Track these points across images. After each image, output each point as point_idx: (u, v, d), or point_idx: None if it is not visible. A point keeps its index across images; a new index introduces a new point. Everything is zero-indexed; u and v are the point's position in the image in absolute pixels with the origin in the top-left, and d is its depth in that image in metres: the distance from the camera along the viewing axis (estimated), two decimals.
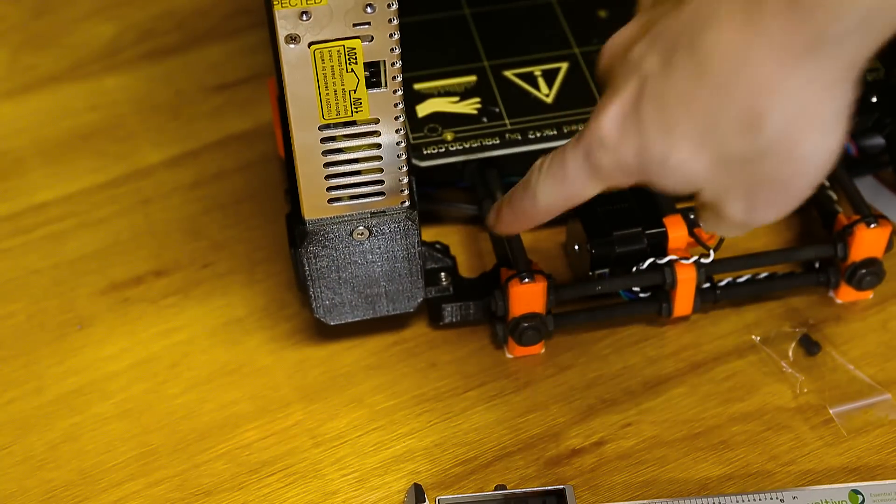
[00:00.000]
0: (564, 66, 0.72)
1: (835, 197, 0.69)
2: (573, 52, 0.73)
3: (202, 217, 0.75)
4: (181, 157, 0.78)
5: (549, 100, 0.70)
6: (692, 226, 0.66)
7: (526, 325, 0.65)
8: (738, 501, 0.59)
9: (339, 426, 0.64)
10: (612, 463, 0.62)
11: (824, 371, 0.66)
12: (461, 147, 0.68)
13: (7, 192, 0.77)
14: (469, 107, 0.70)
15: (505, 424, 0.64)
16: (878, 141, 0.72)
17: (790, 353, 0.66)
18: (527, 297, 0.64)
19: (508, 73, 0.72)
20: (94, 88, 0.83)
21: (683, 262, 0.65)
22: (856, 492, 0.59)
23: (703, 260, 0.66)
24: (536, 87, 0.71)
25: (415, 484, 0.61)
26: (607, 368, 0.66)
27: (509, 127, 0.69)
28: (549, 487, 0.60)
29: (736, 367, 0.66)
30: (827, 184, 0.70)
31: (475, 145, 0.68)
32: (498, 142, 0.68)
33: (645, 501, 0.60)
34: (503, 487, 0.60)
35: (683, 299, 0.66)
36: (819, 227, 0.70)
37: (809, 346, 0.66)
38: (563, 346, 0.67)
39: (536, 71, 0.72)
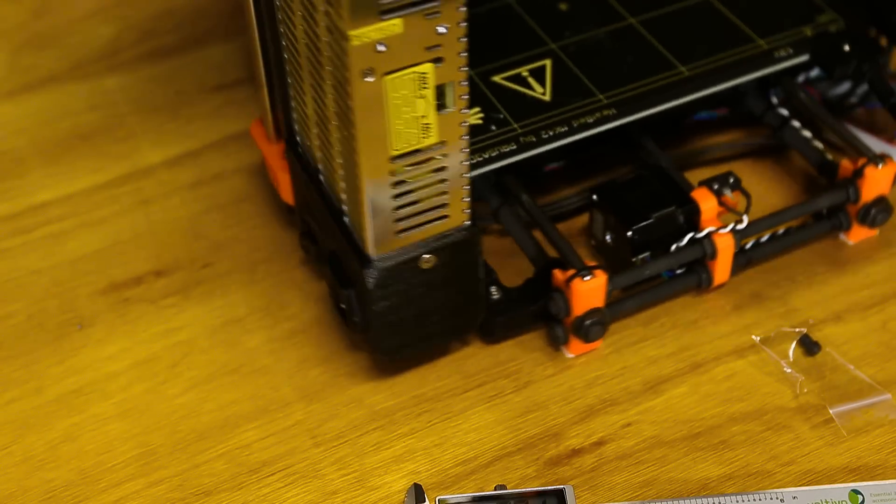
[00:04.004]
0: (548, 62, 0.72)
1: (821, 146, 0.72)
2: (550, 47, 0.73)
3: (202, 217, 0.75)
4: (181, 157, 0.78)
5: (546, 97, 0.70)
6: (718, 195, 0.67)
7: (591, 321, 0.65)
8: (738, 501, 0.59)
9: (339, 426, 0.64)
10: (612, 463, 0.62)
11: (824, 371, 0.66)
12: (481, 158, 0.67)
13: (7, 192, 0.77)
14: (472, 118, 0.70)
15: (505, 424, 0.64)
16: (843, 88, 0.75)
17: (790, 353, 0.66)
18: (590, 293, 0.64)
19: (497, 79, 0.71)
20: (94, 88, 0.83)
21: (721, 231, 0.67)
22: (856, 492, 0.59)
23: (738, 227, 0.67)
24: (529, 87, 0.71)
25: (415, 484, 0.61)
26: (607, 368, 0.66)
27: (520, 131, 0.68)
28: (549, 487, 0.60)
29: (736, 367, 0.66)
30: (809, 135, 0.73)
31: (493, 154, 0.67)
32: (515, 147, 0.68)
33: (645, 501, 0.60)
34: (503, 487, 0.60)
35: (722, 267, 0.68)
36: (810, 185, 0.72)
37: (809, 346, 0.66)
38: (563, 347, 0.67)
39: (523, 72, 0.71)
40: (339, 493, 0.62)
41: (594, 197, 0.69)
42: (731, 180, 0.68)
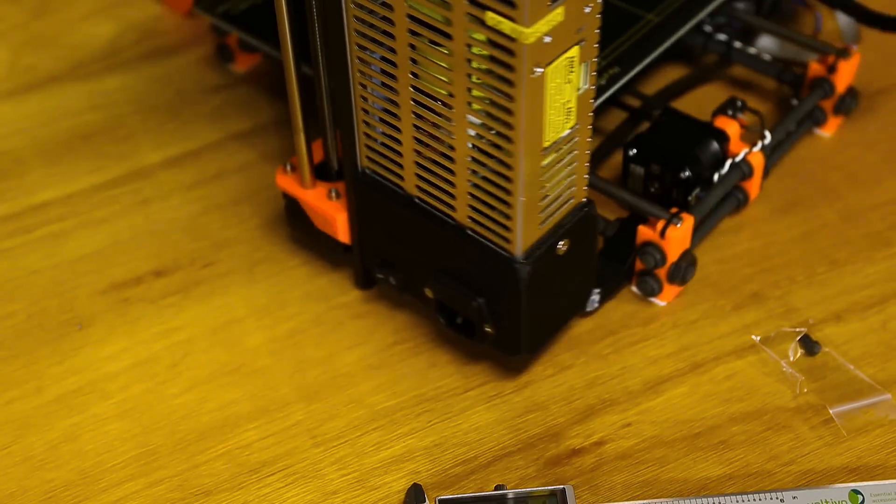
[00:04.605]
0: None
1: (768, 58, 0.79)
2: None
3: (202, 217, 0.75)
4: (181, 157, 0.78)
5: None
6: (734, 119, 0.71)
7: (685, 263, 0.67)
8: (738, 501, 0.59)
9: (339, 426, 0.64)
10: (612, 463, 0.62)
11: (824, 371, 0.66)
12: None
13: (7, 192, 0.77)
14: None
15: (505, 424, 0.64)
16: (750, 7, 0.81)
17: (790, 353, 0.66)
18: (682, 238, 0.66)
19: None
20: (94, 88, 0.83)
21: (754, 150, 0.71)
22: (856, 492, 0.59)
23: (765, 143, 0.72)
24: None
25: (415, 484, 0.61)
26: (607, 368, 0.66)
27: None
28: (549, 487, 0.60)
29: (736, 367, 0.66)
30: (756, 51, 0.79)
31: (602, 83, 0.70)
32: (619, 69, 0.70)
33: (645, 501, 0.60)
34: (503, 487, 0.60)
35: (755, 184, 0.72)
36: (767, 93, 0.79)
37: (809, 346, 0.66)
38: (563, 346, 0.67)
39: None
40: (339, 493, 0.62)
41: (631, 152, 0.70)
42: (739, 104, 0.72)
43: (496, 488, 0.60)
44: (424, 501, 0.60)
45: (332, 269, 0.71)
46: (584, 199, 0.60)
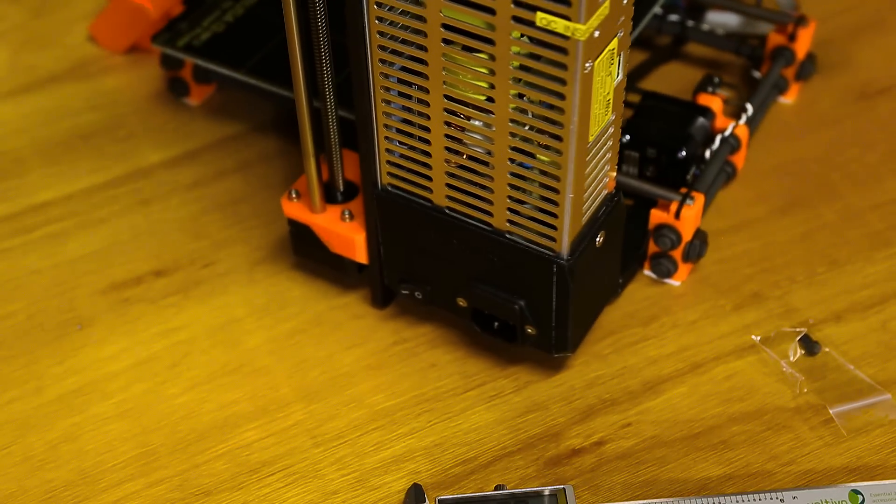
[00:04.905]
0: None
1: (723, 32, 0.81)
2: None
3: (202, 217, 0.75)
4: (181, 157, 0.78)
5: None
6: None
7: (699, 241, 0.68)
8: (738, 501, 0.59)
9: (339, 426, 0.64)
10: (612, 463, 0.62)
11: (824, 371, 0.66)
12: None
13: (7, 192, 0.77)
14: None
15: (505, 424, 0.64)
16: None
17: (790, 353, 0.66)
18: (696, 216, 0.67)
19: None
20: (94, 88, 0.83)
21: (740, 123, 0.72)
22: (856, 492, 0.59)
23: (749, 115, 0.73)
24: None
25: (415, 484, 0.61)
26: (607, 368, 0.66)
27: None
28: (549, 487, 0.60)
29: (736, 368, 0.66)
30: (709, 27, 0.80)
31: None
32: None
33: (645, 501, 0.60)
34: (503, 487, 0.60)
35: (741, 157, 0.73)
36: (726, 66, 0.81)
37: (809, 346, 0.66)
38: None
39: None
40: (339, 493, 0.62)
41: (624, 139, 0.70)
42: (717, 80, 0.74)
43: (496, 488, 0.60)
44: (424, 501, 0.60)
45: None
46: (613, 189, 0.60)
